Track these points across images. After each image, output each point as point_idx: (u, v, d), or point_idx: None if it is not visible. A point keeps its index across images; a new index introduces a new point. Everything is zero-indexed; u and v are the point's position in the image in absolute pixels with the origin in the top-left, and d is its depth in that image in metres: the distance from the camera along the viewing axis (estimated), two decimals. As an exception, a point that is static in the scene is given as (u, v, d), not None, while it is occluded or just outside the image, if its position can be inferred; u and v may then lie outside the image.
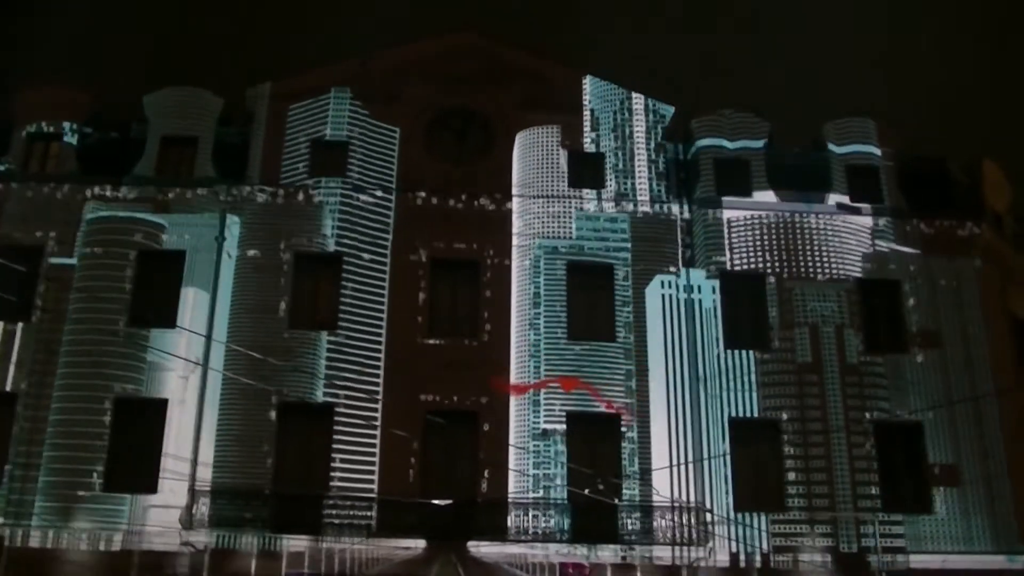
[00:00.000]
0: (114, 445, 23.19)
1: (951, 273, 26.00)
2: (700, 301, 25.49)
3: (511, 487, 23.67)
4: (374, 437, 23.84)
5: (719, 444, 24.10)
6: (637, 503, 23.19)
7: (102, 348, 23.51)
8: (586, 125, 27.26)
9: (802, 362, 25.01)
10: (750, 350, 25.09)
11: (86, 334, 23.61)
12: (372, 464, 23.64)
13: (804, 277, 25.80)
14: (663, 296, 25.39)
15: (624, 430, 24.27)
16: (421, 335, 24.89)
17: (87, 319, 23.81)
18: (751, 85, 62.43)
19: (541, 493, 23.41)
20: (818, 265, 26.00)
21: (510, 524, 22.66)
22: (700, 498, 23.38)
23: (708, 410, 24.40)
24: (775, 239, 26.24)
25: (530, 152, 26.83)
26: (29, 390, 23.52)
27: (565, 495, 23.23)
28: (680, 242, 26.25)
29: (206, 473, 23.01)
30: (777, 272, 25.88)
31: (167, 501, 22.51)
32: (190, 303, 24.37)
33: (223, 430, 23.47)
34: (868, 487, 24.05)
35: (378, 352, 24.59)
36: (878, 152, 27.52)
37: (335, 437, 23.70)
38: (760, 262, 26.06)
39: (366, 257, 25.27)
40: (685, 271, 25.81)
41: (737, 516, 23.44)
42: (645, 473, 23.78)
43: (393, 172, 26.38)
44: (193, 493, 22.37)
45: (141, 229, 24.71)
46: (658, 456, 24.03)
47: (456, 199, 25.88)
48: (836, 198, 26.89)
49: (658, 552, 22.55)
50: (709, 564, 22.62)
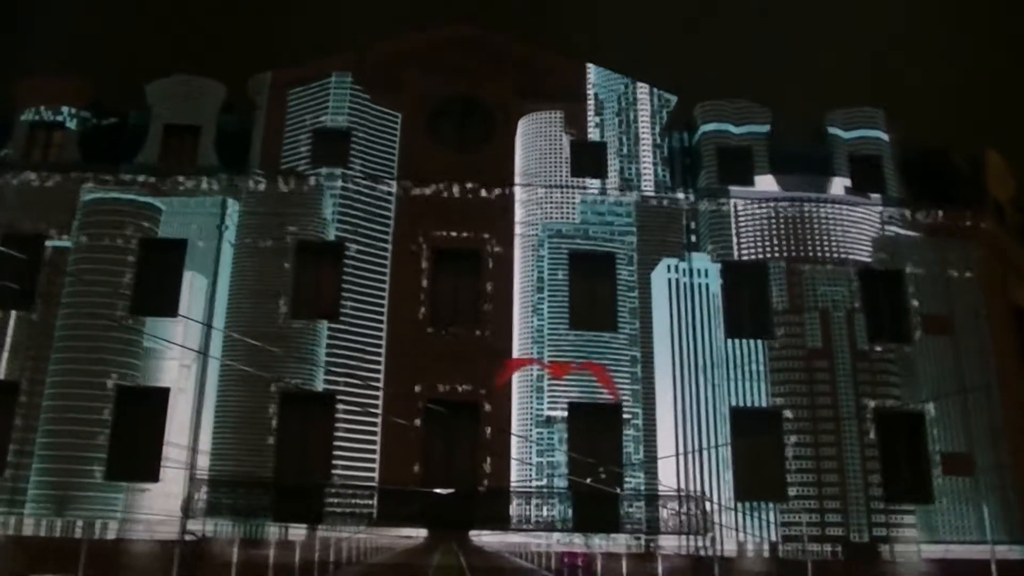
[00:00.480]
0: (116, 434, 23.17)
1: (953, 263, 25.92)
2: (707, 286, 25.41)
3: (513, 476, 23.65)
4: (375, 426, 23.81)
5: (722, 433, 24.10)
6: (638, 492, 23.17)
7: (101, 335, 23.37)
8: (588, 113, 27.21)
9: (806, 351, 24.95)
10: (752, 339, 25.07)
11: (82, 319, 23.39)
12: (373, 453, 23.62)
13: (808, 263, 25.69)
14: (669, 281, 25.32)
15: (628, 417, 24.25)
16: (423, 324, 24.86)
17: (80, 304, 23.60)
18: (753, 76, 62.43)
19: (544, 481, 23.38)
20: (821, 253, 25.89)
21: (512, 513, 22.55)
22: (704, 488, 23.37)
23: (712, 399, 24.38)
24: (779, 227, 26.15)
25: (532, 141, 26.80)
26: (32, 378, 23.49)
27: (566, 484, 23.18)
28: (685, 227, 26.22)
29: (207, 462, 22.99)
30: (779, 260, 25.79)
31: (166, 490, 22.53)
32: (191, 291, 24.35)
33: (224, 419, 23.46)
34: (872, 476, 24.03)
35: (380, 341, 24.57)
36: (886, 138, 27.54)
37: (336, 426, 23.68)
38: (763, 250, 25.98)
39: (367, 246, 25.23)
40: (689, 256, 25.79)
41: (744, 505, 23.43)
42: (647, 462, 23.76)
43: (394, 161, 26.34)
44: (193, 482, 22.29)
45: (138, 211, 24.55)
46: (661, 445, 24.04)
47: (458, 188, 25.81)
48: (840, 182, 26.90)
49: (662, 542, 22.54)
50: (714, 553, 22.41)
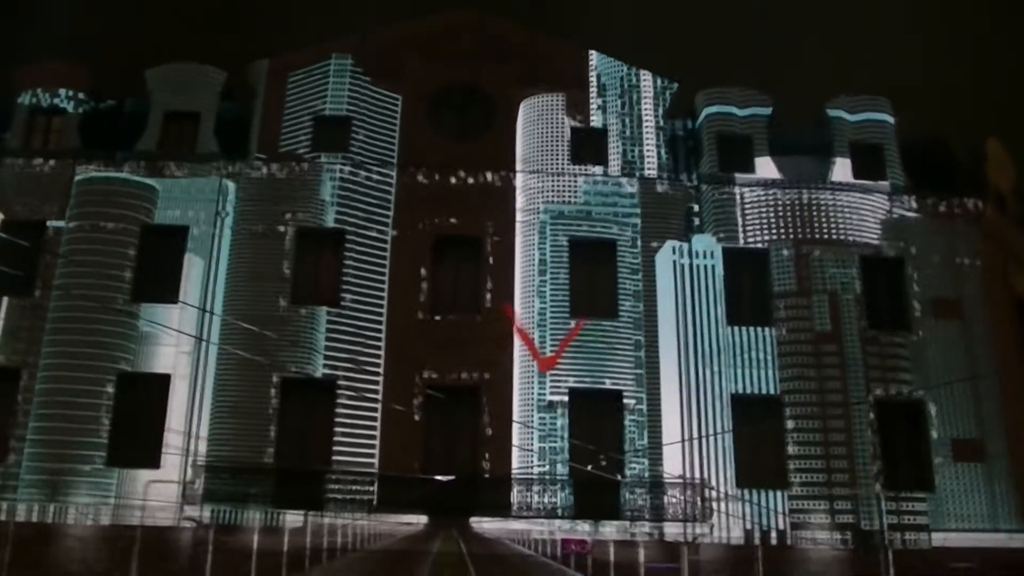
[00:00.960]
0: (116, 420, 23.21)
1: (954, 252, 25.83)
2: (713, 267, 25.19)
3: (514, 463, 23.63)
4: (375, 412, 23.80)
5: (726, 420, 23.94)
6: (639, 479, 23.05)
7: (99, 320, 23.29)
8: (590, 98, 27.06)
9: (813, 335, 24.82)
10: (754, 326, 24.90)
11: (74, 301, 23.19)
12: (373, 440, 23.61)
13: (811, 248, 25.55)
14: (674, 263, 25.13)
15: (632, 402, 24.18)
16: (423, 311, 24.80)
17: (71, 285, 23.47)
18: (752, 66, 62.07)
19: (547, 467, 23.35)
20: (826, 235, 25.79)
21: (512, 500, 22.57)
22: (706, 474, 23.22)
23: (713, 385, 24.18)
24: (784, 213, 26.04)
25: (533, 127, 26.70)
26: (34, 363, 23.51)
27: (567, 471, 23.15)
28: (689, 211, 26.21)
29: (207, 448, 23.03)
30: (781, 245, 25.69)
31: (166, 476, 22.58)
32: (191, 278, 24.35)
33: (224, 405, 23.46)
34: (880, 463, 23.91)
35: (380, 328, 24.53)
36: (892, 121, 27.50)
37: (337, 412, 23.68)
38: (769, 234, 25.89)
39: (368, 233, 25.19)
40: (689, 239, 25.63)
41: (751, 493, 23.28)
42: (650, 449, 23.75)
43: (395, 148, 26.26)
44: (195, 468, 22.39)
45: (131, 191, 24.38)
46: (665, 431, 23.99)
47: (458, 175, 25.68)
48: (843, 166, 26.77)
49: (662, 528, 22.43)
50: (720, 540, 22.45)
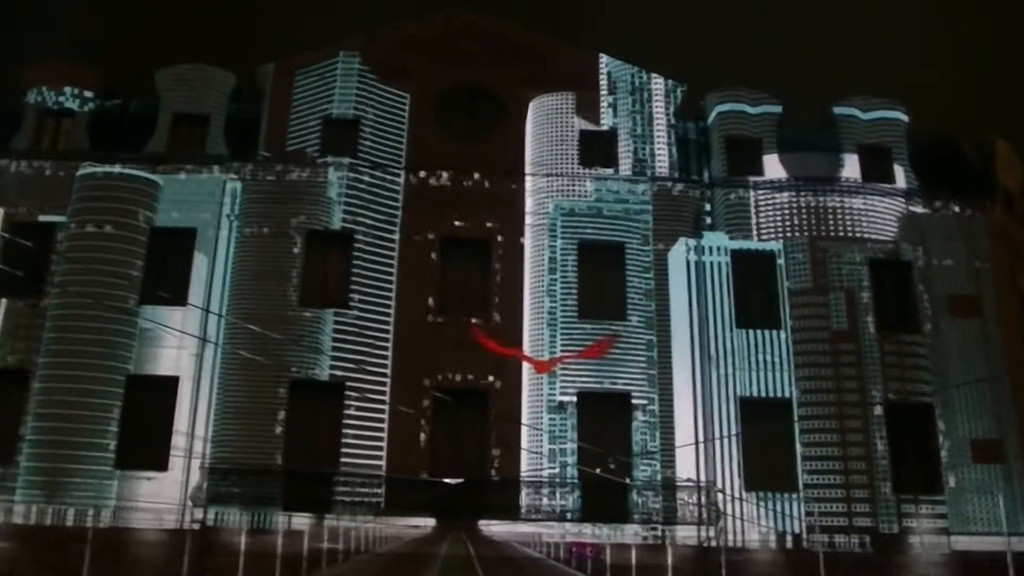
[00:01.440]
0: (124, 422, 23.18)
1: (966, 252, 25.69)
2: (726, 264, 25.00)
3: (523, 465, 23.65)
4: (383, 415, 23.79)
5: (735, 422, 23.79)
6: (648, 482, 22.92)
7: (105, 321, 23.16)
8: (600, 99, 27.06)
9: (822, 338, 24.60)
10: (760, 329, 24.75)
11: (73, 299, 23.01)
12: (382, 442, 23.61)
13: (821, 251, 25.36)
14: (687, 260, 24.97)
15: (644, 403, 24.10)
16: (431, 313, 24.77)
17: (68, 282, 23.32)
18: (759, 67, 61.79)
19: (557, 469, 23.28)
20: (836, 237, 25.62)
21: (521, 503, 22.37)
22: (715, 477, 23.09)
23: (723, 387, 23.96)
24: (795, 212, 25.94)
25: (543, 129, 26.65)
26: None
27: (575, 474, 23.05)
28: (700, 210, 26.26)
29: (214, 450, 23.02)
30: (794, 247, 25.53)
31: (173, 478, 22.70)
32: (199, 280, 24.38)
33: (232, 407, 23.43)
34: (897, 465, 23.75)
35: (388, 330, 24.53)
36: (905, 119, 27.50)
37: (345, 414, 23.66)
38: (781, 232, 25.80)
39: (376, 235, 25.17)
40: (701, 236, 25.59)
41: (765, 496, 23.13)
42: (661, 450, 23.74)
43: (403, 150, 26.28)
44: (201, 470, 22.24)
45: (133, 185, 24.20)
46: (677, 433, 24.06)
47: (467, 177, 25.67)
48: (852, 165, 26.68)
49: (669, 531, 22.24)
50: (734, 544, 22.31)
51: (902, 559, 22.67)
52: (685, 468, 23.38)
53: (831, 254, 25.24)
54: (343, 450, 23.33)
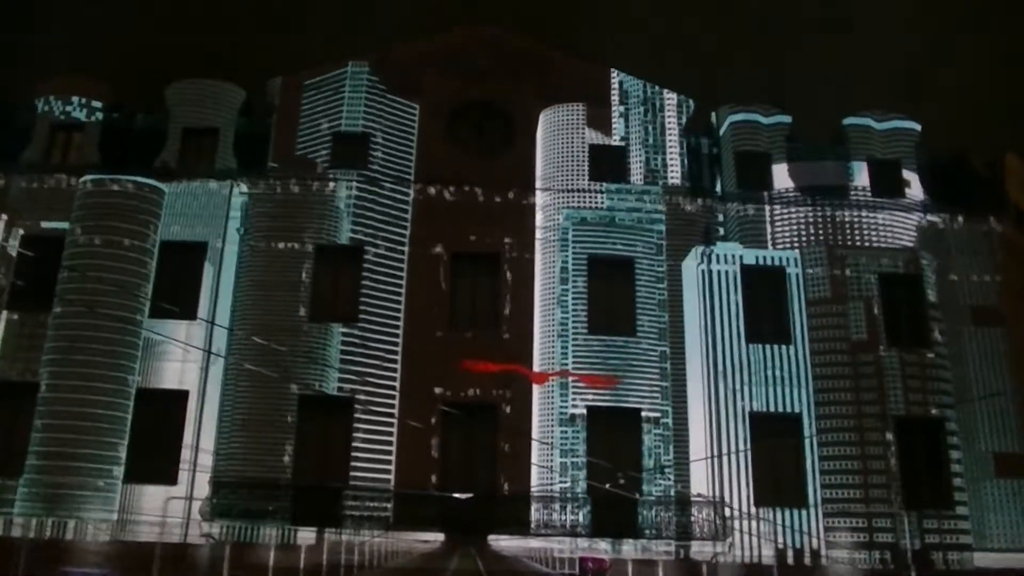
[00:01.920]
0: (134, 436, 23.13)
1: (972, 267, 25.61)
2: (737, 274, 24.64)
3: (533, 480, 23.41)
4: (392, 429, 23.68)
5: (746, 438, 23.37)
6: (657, 497, 22.59)
7: (115, 333, 23.09)
8: (609, 115, 26.96)
9: (840, 348, 24.19)
10: (770, 344, 24.34)
11: (73, 307, 22.77)
12: (391, 457, 23.48)
13: (843, 254, 25.05)
14: (700, 271, 24.66)
15: (657, 416, 23.83)
16: (441, 327, 24.65)
17: (74, 293, 23.03)
18: (770, 82, 61.40)
19: (568, 482, 23.01)
20: (853, 247, 25.42)
21: (530, 518, 22.26)
22: (726, 493, 22.71)
23: (734, 402, 23.59)
24: (810, 222, 25.84)
25: (553, 143, 26.56)
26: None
27: (585, 489, 22.81)
28: (713, 219, 26.18)
29: (222, 464, 22.98)
30: (810, 260, 25.15)
31: (181, 493, 22.63)
32: (209, 294, 24.45)
33: (241, 422, 23.31)
34: (916, 480, 23.36)
35: (397, 344, 24.47)
36: (918, 128, 27.46)
37: (355, 427, 23.54)
38: (795, 242, 25.68)
39: (386, 249, 25.10)
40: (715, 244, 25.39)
41: (781, 512, 22.69)
42: (670, 466, 23.42)
43: (412, 164, 26.27)
44: (211, 484, 22.31)
45: (137, 194, 24.04)
46: (688, 447, 23.78)
47: (477, 192, 25.55)
48: (860, 170, 26.56)
49: (678, 546, 21.95)
50: (748, 559, 21.97)
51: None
52: (697, 482, 23.05)
53: (849, 262, 24.82)
54: (352, 464, 23.15)
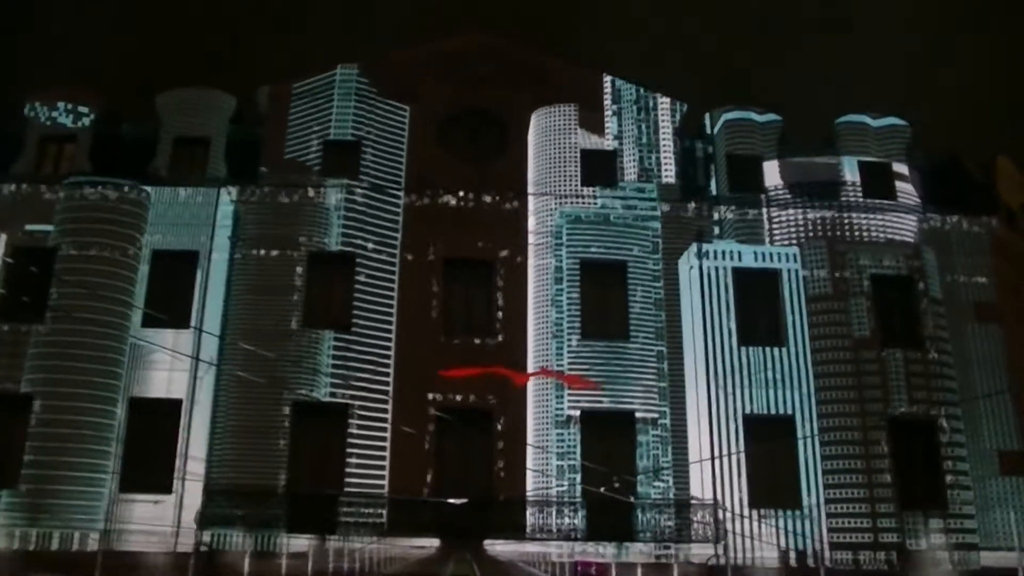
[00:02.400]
0: (127, 446, 23.26)
1: (965, 269, 25.64)
2: (731, 271, 24.46)
3: (529, 484, 23.28)
4: (386, 435, 23.61)
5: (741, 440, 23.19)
6: (652, 500, 22.41)
7: (106, 345, 23.20)
8: (602, 120, 26.86)
9: (843, 345, 24.08)
10: (765, 346, 24.13)
11: (74, 324, 22.81)
12: (385, 463, 23.42)
13: (844, 249, 25.03)
14: (695, 268, 24.49)
15: (655, 416, 23.72)
16: (434, 334, 24.55)
17: (68, 307, 23.05)
18: (761, 85, 61.15)
19: (565, 486, 22.92)
20: (853, 241, 25.31)
21: (525, 522, 22.07)
22: (723, 495, 22.50)
23: (729, 404, 23.38)
24: (804, 223, 25.65)
25: (545, 149, 26.48)
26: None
27: (580, 493, 22.71)
28: (708, 219, 26.08)
29: (216, 473, 22.94)
30: (812, 257, 25.11)
31: (173, 502, 22.61)
32: (200, 303, 24.34)
33: (233, 429, 23.26)
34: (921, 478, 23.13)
35: (390, 351, 24.41)
36: (908, 132, 27.58)
37: (349, 433, 23.49)
38: (793, 239, 25.53)
39: (378, 256, 25.05)
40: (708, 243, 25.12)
41: (782, 513, 22.47)
42: (665, 469, 23.31)
43: (402, 171, 26.20)
44: (204, 492, 22.23)
45: (119, 194, 24.03)
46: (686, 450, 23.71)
47: (470, 197, 25.49)
48: (856, 175, 26.39)
49: (676, 549, 21.78)
50: (752, 563, 21.83)
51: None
52: (695, 484, 23.01)
53: (850, 258, 24.72)
54: (347, 471, 23.09)
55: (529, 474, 23.31)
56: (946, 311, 24.75)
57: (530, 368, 24.44)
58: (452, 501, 21.94)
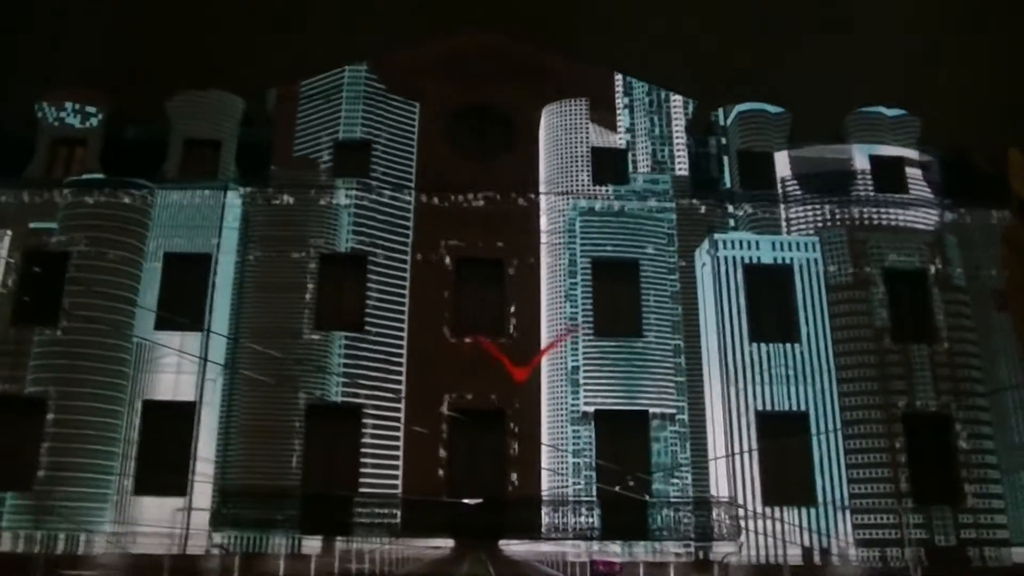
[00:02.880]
0: (141, 448, 23.24)
1: (976, 262, 25.23)
2: (758, 259, 24.20)
3: (544, 483, 23.06)
4: (399, 435, 23.47)
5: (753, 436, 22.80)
6: (667, 499, 22.14)
7: (120, 346, 23.31)
8: (612, 117, 26.61)
9: (865, 335, 23.74)
10: (777, 343, 23.80)
11: (88, 326, 22.91)
12: (398, 464, 23.27)
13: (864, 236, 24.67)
14: (714, 260, 24.21)
15: (672, 412, 23.38)
16: (446, 334, 24.41)
17: (80, 308, 23.14)
18: (770, 81, 60.46)
19: (581, 484, 22.65)
20: (873, 227, 25.12)
21: (540, 522, 21.84)
22: (739, 492, 22.21)
23: (744, 400, 22.98)
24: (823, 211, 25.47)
25: (555, 146, 26.23)
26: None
27: (595, 492, 22.45)
28: (723, 212, 25.90)
29: (230, 475, 22.87)
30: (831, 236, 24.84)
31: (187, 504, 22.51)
32: (212, 305, 24.28)
33: (247, 431, 23.17)
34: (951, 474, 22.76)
35: (403, 352, 24.27)
36: (918, 126, 27.47)
37: (363, 433, 23.38)
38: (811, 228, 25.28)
39: (389, 257, 24.93)
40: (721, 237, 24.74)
41: (803, 511, 22.15)
42: (682, 466, 23.05)
43: (412, 170, 26.07)
44: (215, 494, 22.24)
45: (123, 190, 24.10)
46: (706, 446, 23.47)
47: (479, 197, 25.30)
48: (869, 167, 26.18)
49: (695, 548, 21.44)
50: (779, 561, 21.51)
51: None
52: (712, 481, 22.68)
53: (871, 246, 24.30)
54: (362, 471, 22.97)
55: (544, 473, 23.07)
56: (969, 302, 24.30)
57: (545, 365, 24.16)
58: (466, 501, 21.73)
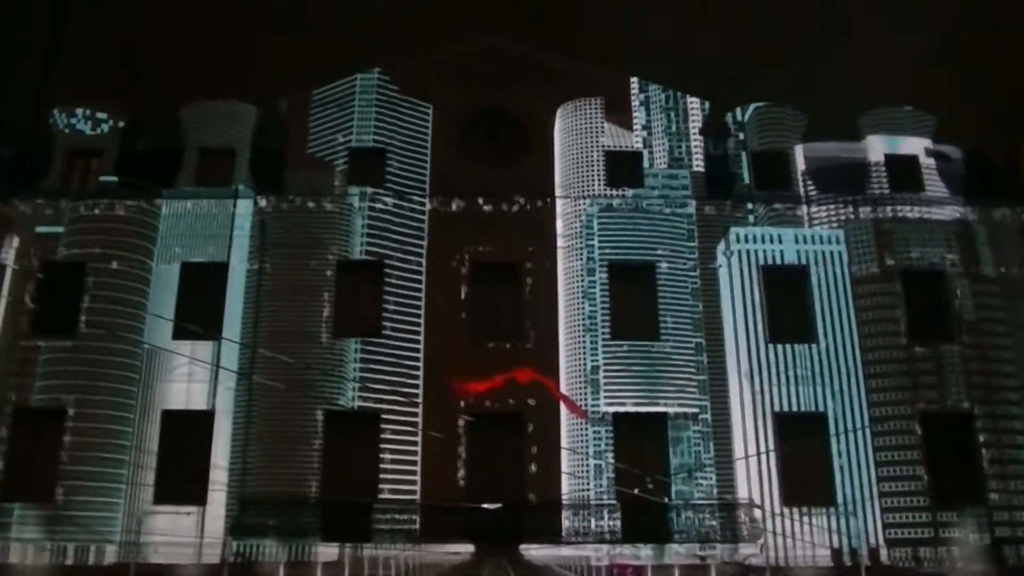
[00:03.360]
0: (161, 458, 23.21)
1: (995, 259, 24.53)
2: (782, 253, 23.98)
3: (564, 487, 22.87)
4: (417, 440, 23.31)
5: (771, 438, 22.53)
6: (686, 501, 21.84)
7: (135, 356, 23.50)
8: (626, 121, 26.38)
9: (892, 331, 23.46)
10: (794, 343, 23.55)
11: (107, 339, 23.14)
12: (416, 469, 23.13)
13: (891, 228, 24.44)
14: (739, 252, 23.99)
15: (695, 411, 23.17)
16: (464, 338, 24.26)
17: (99, 322, 23.33)
18: (783, 81, 59.69)
19: (603, 485, 22.46)
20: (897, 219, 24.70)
21: (560, 525, 21.54)
22: (772, 494, 21.94)
23: (763, 401, 22.70)
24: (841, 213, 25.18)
25: (570, 150, 26.09)
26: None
27: (614, 495, 22.18)
28: (743, 209, 25.58)
29: (249, 483, 22.80)
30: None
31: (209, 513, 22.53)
32: (230, 313, 24.30)
33: (265, 439, 23.11)
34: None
35: (420, 358, 24.15)
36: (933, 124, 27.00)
37: (382, 438, 23.23)
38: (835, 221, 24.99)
39: (405, 262, 24.82)
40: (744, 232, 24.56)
41: (832, 511, 21.92)
42: (707, 466, 22.80)
43: (426, 176, 26.01)
44: (235, 503, 22.19)
45: (138, 206, 24.31)
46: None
47: (494, 202, 25.07)
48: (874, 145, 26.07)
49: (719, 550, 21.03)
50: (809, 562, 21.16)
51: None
52: (737, 482, 22.36)
53: (898, 236, 24.01)
54: (382, 477, 22.85)
55: (564, 476, 22.85)
56: (998, 297, 23.87)
57: (563, 369, 23.97)
58: (486, 506, 21.53)
